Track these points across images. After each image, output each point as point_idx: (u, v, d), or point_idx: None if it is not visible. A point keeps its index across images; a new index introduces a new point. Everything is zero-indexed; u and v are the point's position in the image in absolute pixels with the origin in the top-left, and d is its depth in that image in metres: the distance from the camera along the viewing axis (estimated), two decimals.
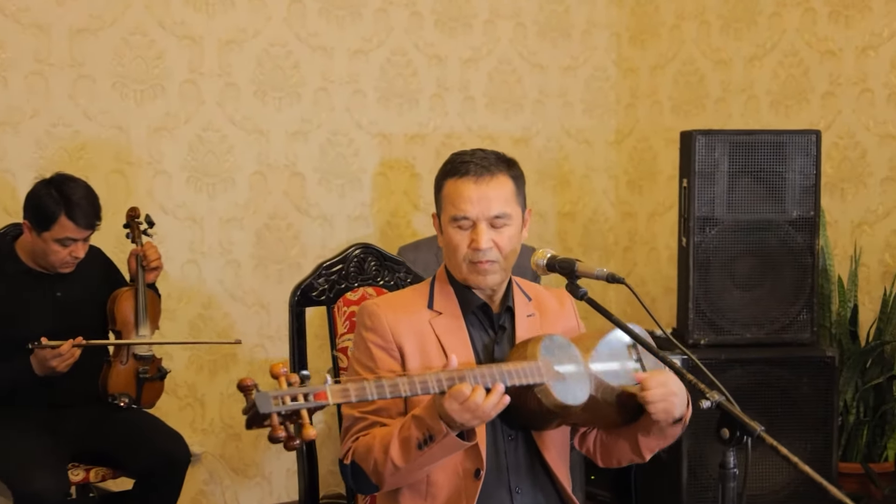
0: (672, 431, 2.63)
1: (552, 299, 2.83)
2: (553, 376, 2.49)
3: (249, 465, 5.01)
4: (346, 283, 3.13)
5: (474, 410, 2.35)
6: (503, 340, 2.70)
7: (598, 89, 5.85)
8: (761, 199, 4.30)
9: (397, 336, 2.64)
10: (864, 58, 4.90)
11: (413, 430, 2.45)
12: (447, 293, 2.71)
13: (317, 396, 2.14)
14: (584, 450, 2.83)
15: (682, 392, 2.56)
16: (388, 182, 5.27)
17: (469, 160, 2.66)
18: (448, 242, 2.64)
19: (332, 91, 5.10)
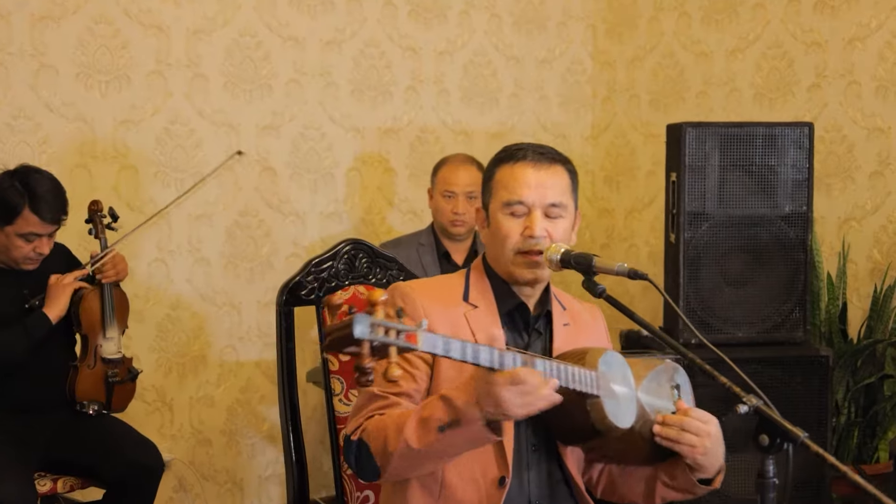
0: (695, 489, 2.46)
1: (585, 313, 2.68)
2: (607, 392, 2.33)
3: (220, 471, 4.81)
4: (337, 280, 2.96)
5: (527, 395, 2.14)
6: (536, 345, 2.54)
7: (575, 83, 5.71)
8: (753, 193, 4.17)
9: (430, 323, 2.45)
10: (851, 49, 4.79)
11: (438, 410, 2.23)
12: (484, 287, 2.55)
13: (408, 337, 1.97)
14: (585, 478, 2.66)
15: (718, 442, 2.41)
16: (362, 178, 5.10)
17: (527, 148, 2.52)
18: (496, 231, 2.48)
19: (304, 83, 4.92)
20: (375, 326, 1.90)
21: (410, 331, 1.97)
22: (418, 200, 5.22)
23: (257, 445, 4.89)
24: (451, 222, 4.49)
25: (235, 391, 4.82)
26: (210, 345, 4.75)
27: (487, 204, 2.53)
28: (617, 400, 2.34)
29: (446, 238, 4.56)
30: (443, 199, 4.48)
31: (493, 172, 2.52)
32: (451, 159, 4.55)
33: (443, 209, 4.49)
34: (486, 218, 2.54)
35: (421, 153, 5.21)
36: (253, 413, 4.87)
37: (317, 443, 4.99)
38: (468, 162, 4.54)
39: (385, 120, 5.14)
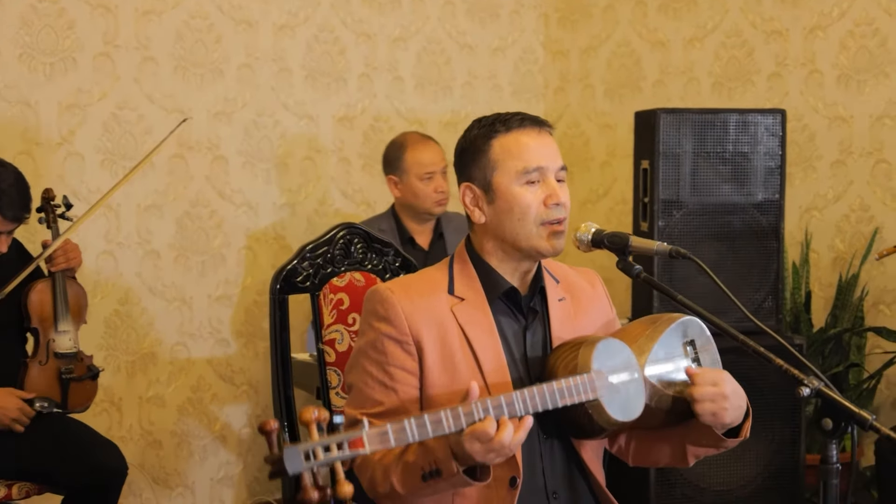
0: (724, 444, 2.37)
1: (581, 280, 2.55)
2: (607, 389, 2.23)
3: (171, 474, 4.60)
4: (332, 266, 2.80)
5: (499, 450, 2.07)
6: (535, 325, 2.42)
7: (527, 72, 5.60)
8: (726, 181, 4.11)
9: (415, 327, 2.32)
10: (813, 38, 4.77)
11: (419, 458, 2.16)
12: (469, 276, 2.40)
13: (352, 445, 1.88)
14: (614, 448, 2.56)
15: (736, 398, 2.31)
16: (316, 167, 4.93)
17: (515, 114, 2.38)
18: (513, 204, 2.32)
19: (256, 68, 4.73)
20: (310, 453, 1.82)
21: (353, 436, 1.88)
22: (372, 191, 5.07)
23: (209, 447, 4.69)
24: (436, 202, 4.35)
25: (186, 390, 4.62)
26: (160, 342, 4.54)
27: (488, 179, 2.35)
28: (620, 394, 2.25)
29: (413, 221, 4.41)
30: (421, 182, 4.33)
31: (489, 145, 2.35)
32: (411, 140, 4.41)
33: (424, 191, 4.33)
34: (487, 194, 2.37)
35: (375, 142, 5.06)
36: (205, 413, 4.67)
37: None
38: (428, 138, 4.45)
39: (339, 108, 4.98)
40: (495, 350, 2.34)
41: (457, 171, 2.44)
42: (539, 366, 2.38)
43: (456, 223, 4.49)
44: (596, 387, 2.21)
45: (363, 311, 2.41)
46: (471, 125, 2.42)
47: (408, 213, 4.40)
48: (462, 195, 2.40)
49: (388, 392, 2.31)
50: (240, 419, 4.75)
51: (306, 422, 1.87)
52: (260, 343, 4.76)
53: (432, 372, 2.31)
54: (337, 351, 2.75)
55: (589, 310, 2.50)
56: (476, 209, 2.38)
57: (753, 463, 4.09)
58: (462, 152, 2.42)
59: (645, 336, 2.37)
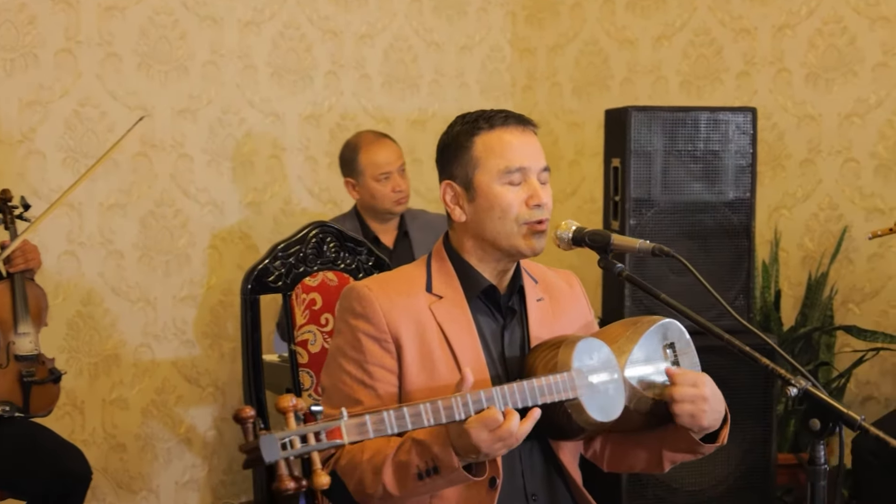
0: (702, 449, 2.35)
1: (560, 281, 2.53)
2: (587, 389, 2.19)
3: (135, 478, 4.51)
4: (305, 266, 2.74)
5: (507, 439, 2.04)
6: (513, 324, 2.38)
7: (494, 70, 5.56)
8: (697, 179, 4.09)
9: (393, 325, 2.28)
10: (781, 36, 4.76)
11: (413, 456, 2.11)
12: (447, 274, 2.36)
13: (330, 435, 1.84)
14: (589, 453, 2.53)
15: (716, 401, 2.29)
16: (282, 166, 4.86)
17: (499, 112, 2.34)
18: (494, 203, 2.28)
19: (221, 65, 4.66)
20: (287, 442, 1.78)
21: (331, 427, 1.84)
22: (339, 189, 4.99)
23: (174, 450, 4.61)
24: (396, 202, 4.28)
25: (151, 392, 4.54)
26: (124, 343, 4.46)
27: (469, 177, 2.31)
28: (599, 394, 2.21)
29: (375, 221, 4.35)
30: (378, 183, 4.26)
31: (471, 142, 2.31)
32: (365, 141, 4.32)
33: (382, 192, 4.26)
34: (467, 192, 2.32)
35: (342, 141, 4.96)
36: (169, 415, 4.59)
37: (235, 446, 4.74)
38: (382, 136, 4.36)
39: (305, 105, 4.91)
40: (474, 348, 2.31)
41: (438, 167, 2.40)
42: (517, 365, 2.35)
43: (421, 220, 4.44)
44: (576, 385, 2.18)
45: (338, 310, 2.36)
46: (454, 121, 2.38)
47: (369, 214, 4.34)
48: (442, 193, 2.36)
49: (367, 391, 2.27)
50: (205, 421, 4.68)
51: (283, 409, 1.83)
52: (225, 344, 4.69)
53: (410, 370, 2.28)
54: (310, 352, 2.70)
55: (567, 311, 2.48)
56: (456, 207, 2.34)
57: (725, 462, 4.07)
58: (444, 149, 2.38)
59: (625, 337, 2.35)
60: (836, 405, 1.87)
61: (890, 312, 4.54)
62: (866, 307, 4.61)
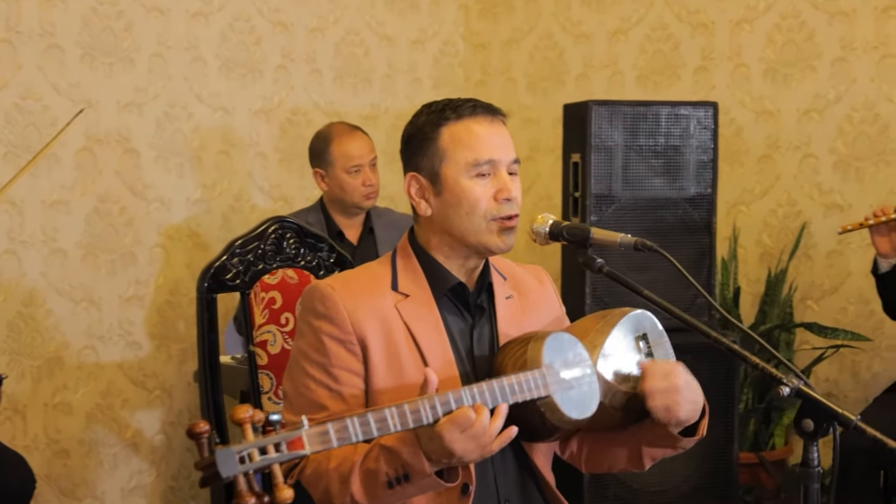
0: (681, 443, 2.25)
1: (529, 277, 2.43)
2: (559, 386, 2.09)
3: (79, 484, 4.35)
4: (264, 263, 2.62)
5: (480, 437, 1.94)
6: (482, 323, 2.28)
7: (447, 65, 5.47)
8: (658, 174, 4.02)
9: (358, 325, 2.17)
10: (739, 31, 4.72)
11: (382, 463, 2.01)
12: (413, 271, 2.26)
13: (291, 445, 1.74)
14: (566, 455, 2.43)
15: (690, 391, 2.19)
16: (231, 162, 4.72)
17: (466, 101, 2.25)
18: (462, 198, 2.18)
19: (168, 58, 4.51)
20: (246, 455, 1.68)
21: (292, 437, 1.74)
22: (290, 186, 4.89)
23: (120, 455, 4.45)
24: (365, 196, 4.16)
25: (96, 396, 4.38)
26: (67, 345, 4.30)
27: (436, 170, 2.21)
28: (573, 390, 2.12)
29: (341, 215, 4.23)
30: (348, 176, 4.14)
31: (437, 133, 2.21)
32: (337, 132, 4.21)
33: (352, 185, 4.14)
34: (435, 186, 2.22)
35: (293, 136, 4.88)
36: (115, 420, 4.43)
37: (184, 450, 4.60)
38: (355, 129, 4.24)
39: (255, 100, 4.78)
40: (442, 348, 2.21)
41: (402, 159, 2.30)
42: (486, 365, 2.25)
43: (386, 219, 4.33)
44: (547, 383, 2.08)
45: (300, 311, 2.25)
46: (419, 111, 2.28)
47: (336, 207, 4.22)
48: (407, 185, 2.25)
49: (332, 396, 2.16)
50: (152, 425, 4.53)
51: (239, 421, 1.72)
52: (173, 345, 4.55)
53: (377, 372, 2.17)
54: (269, 353, 2.58)
55: (537, 308, 2.39)
56: (422, 201, 2.24)
57: (687, 462, 4.01)
58: (408, 140, 2.27)
59: (595, 330, 2.26)
60: (830, 405, 1.80)
61: (849, 309, 4.51)
62: (825, 304, 4.57)
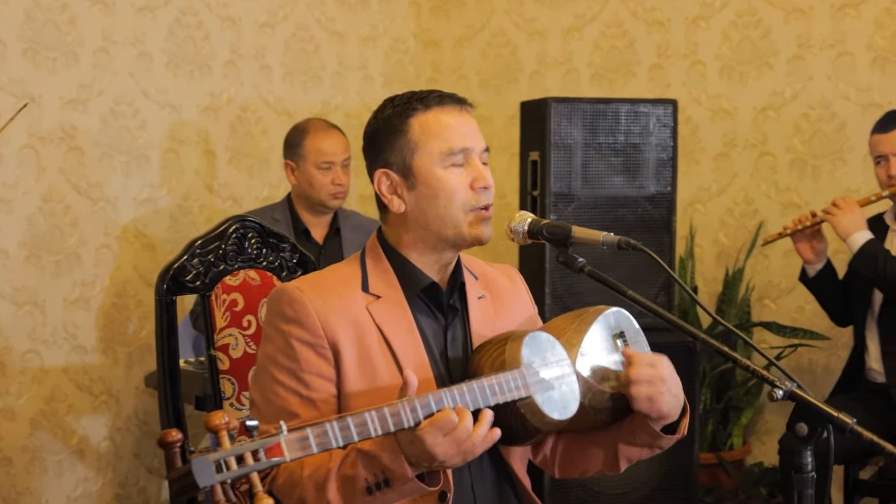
0: (660, 441, 2.19)
1: (501, 277, 2.36)
2: (540, 386, 2.03)
3: (23, 493, 4.21)
4: (225, 264, 2.52)
5: (462, 442, 1.87)
6: (455, 324, 2.21)
7: (398, 62, 5.38)
8: (618, 173, 3.98)
9: (329, 329, 2.08)
10: (695, 29, 4.69)
11: (361, 469, 1.92)
12: (384, 271, 2.18)
13: (269, 452, 1.67)
14: (538, 459, 2.36)
15: (673, 383, 2.13)
16: (179, 160, 4.60)
17: (433, 91, 2.19)
18: (439, 189, 2.11)
19: (114, 53, 4.37)
20: (222, 463, 1.62)
21: (269, 443, 1.67)
22: (239, 185, 4.78)
23: (65, 462, 4.31)
24: (332, 195, 4.07)
25: (39, 402, 4.23)
26: (10, 349, 4.15)
27: (407, 163, 2.13)
28: (553, 390, 2.05)
29: (308, 213, 4.13)
30: (318, 172, 4.05)
31: (406, 125, 2.14)
32: (314, 126, 4.13)
33: (320, 182, 4.05)
34: (407, 180, 2.14)
35: (242, 134, 4.77)
36: (60, 426, 4.29)
37: (131, 457, 4.47)
38: (333, 127, 4.17)
39: (203, 97, 4.66)
40: (416, 350, 2.13)
41: (368, 157, 2.22)
42: (460, 367, 2.18)
43: (354, 221, 4.25)
44: (528, 383, 2.02)
45: (267, 314, 2.16)
46: (382, 105, 2.21)
47: (303, 204, 4.13)
48: (377, 183, 2.17)
49: (303, 402, 2.07)
50: (99, 431, 4.39)
51: (215, 428, 1.66)
52: (120, 349, 4.42)
53: (349, 376, 2.09)
54: (231, 357, 2.48)
55: (510, 307, 2.32)
56: (394, 197, 2.15)
57: (648, 463, 3.94)
58: (374, 134, 2.19)
59: (572, 329, 2.19)
60: (825, 408, 1.74)
61: (805, 308, 4.50)
62: (782, 303, 4.56)
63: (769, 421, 4.61)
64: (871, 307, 3.75)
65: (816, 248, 3.84)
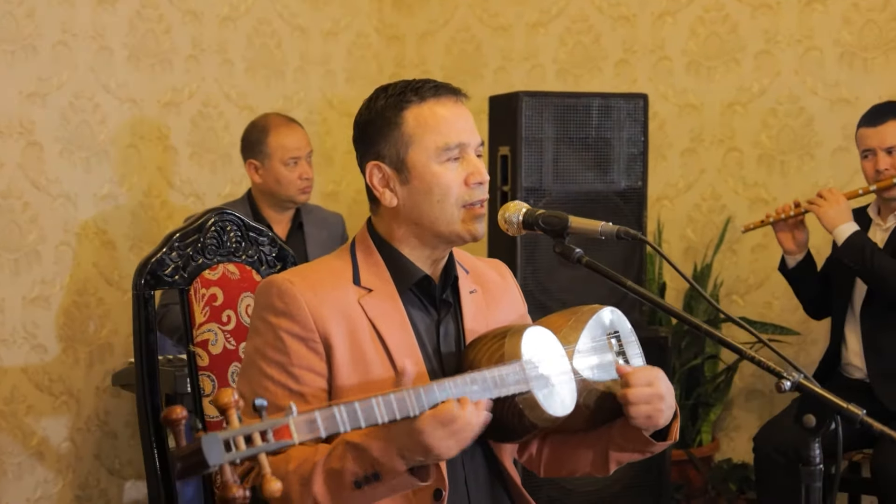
0: (652, 448, 2.16)
1: (491, 271, 2.32)
2: (539, 381, 1.99)
3: None
4: (204, 258, 2.45)
5: (460, 433, 1.83)
6: (448, 319, 2.16)
7: (361, 58, 5.32)
8: (589, 168, 3.95)
9: (321, 322, 2.02)
10: (661, 24, 4.68)
11: (349, 462, 1.87)
12: (376, 264, 2.13)
13: (277, 433, 1.63)
14: (524, 458, 2.32)
15: (670, 397, 2.11)
16: (140, 155, 4.51)
17: (428, 82, 2.12)
18: (433, 186, 2.06)
19: (73, 46, 4.27)
20: (231, 442, 1.57)
21: (278, 424, 1.63)
22: (201, 182, 4.69)
23: (25, 464, 4.20)
24: (301, 190, 4.02)
25: None
26: None
27: (401, 157, 2.08)
28: (552, 386, 2.02)
29: (272, 210, 4.07)
30: (285, 168, 3.99)
31: (400, 117, 2.08)
32: (274, 122, 4.07)
33: (288, 178, 3.99)
34: (401, 174, 2.09)
35: (204, 129, 4.69)
36: (19, 427, 4.18)
37: (92, 458, 4.38)
38: (292, 121, 4.12)
39: (165, 91, 4.57)
40: (409, 345, 2.08)
41: (359, 148, 2.16)
42: (454, 362, 2.13)
43: (316, 216, 4.19)
44: (528, 378, 1.98)
45: (255, 307, 2.10)
46: (374, 94, 2.15)
47: (267, 201, 4.06)
48: (369, 175, 2.11)
49: (292, 397, 2.00)
50: (59, 433, 4.29)
51: (224, 406, 1.60)
52: (81, 348, 4.32)
53: (341, 372, 2.03)
54: (210, 353, 2.41)
55: (501, 303, 2.28)
56: (387, 190, 2.10)
57: None
58: (366, 126, 2.13)
59: (568, 327, 2.16)
60: (834, 399, 1.71)
61: (774, 304, 4.50)
62: (750, 299, 4.56)
63: (737, 417, 4.61)
64: (850, 301, 3.74)
65: (798, 238, 3.80)
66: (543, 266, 3.92)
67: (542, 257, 3.92)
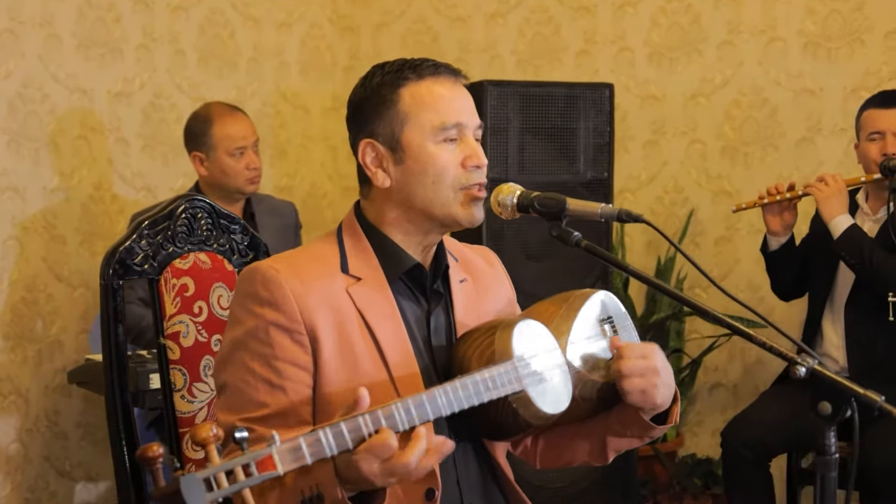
0: (652, 432, 2.09)
1: (478, 258, 2.24)
2: (532, 378, 1.91)
3: None
4: (174, 246, 2.34)
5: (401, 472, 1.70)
6: (438, 311, 2.07)
7: (315, 49, 5.21)
8: (554, 158, 3.89)
9: (308, 313, 1.92)
10: (623, 14, 4.63)
11: (298, 479, 1.74)
12: (364, 251, 2.03)
13: (261, 465, 1.54)
14: (519, 450, 2.24)
15: (667, 374, 2.03)
16: (91, 147, 4.36)
17: (426, 60, 2.03)
18: (428, 167, 1.98)
19: (21, 34, 4.12)
20: (213, 480, 1.49)
21: (261, 456, 1.54)
22: (153, 175, 4.56)
23: None
24: (249, 180, 3.92)
25: None
26: None
27: (396, 136, 1.99)
28: (546, 382, 1.94)
29: (222, 201, 3.94)
30: (231, 159, 3.88)
31: (397, 95, 1.99)
32: (218, 113, 3.95)
33: (234, 169, 3.89)
34: (395, 154, 2.00)
35: (156, 121, 4.55)
36: None
37: (42, 460, 4.23)
38: (236, 109, 4.02)
39: (115, 82, 4.43)
40: (400, 338, 1.99)
41: (352, 126, 2.07)
42: (445, 356, 2.04)
43: (267, 204, 4.09)
44: (520, 376, 1.90)
45: (237, 295, 1.99)
46: (370, 72, 2.06)
47: (215, 193, 3.94)
48: (361, 154, 2.02)
49: (274, 392, 1.90)
50: (7, 434, 4.13)
51: (203, 441, 1.51)
52: (30, 346, 4.17)
53: (329, 366, 1.93)
54: (182, 346, 2.31)
55: (491, 292, 2.20)
56: (379, 170, 2.01)
57: None
58: (361, 103, 2.04)
59: (559, 316, 2.08)
60: (850, 385, 1.65)
61: (738, 296, 4.44)
62: (714, 292, 4.52)
63: (700, 412, 4.58)
64: (830, 294, 3.69)
65: (787, 220, 3.71)
66: (510, 259, 3.79)
67: (508, 251, 3.84)
